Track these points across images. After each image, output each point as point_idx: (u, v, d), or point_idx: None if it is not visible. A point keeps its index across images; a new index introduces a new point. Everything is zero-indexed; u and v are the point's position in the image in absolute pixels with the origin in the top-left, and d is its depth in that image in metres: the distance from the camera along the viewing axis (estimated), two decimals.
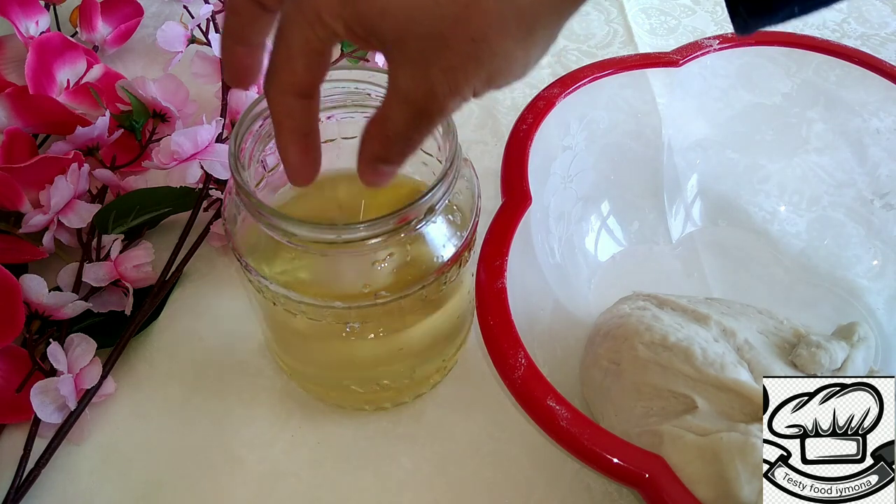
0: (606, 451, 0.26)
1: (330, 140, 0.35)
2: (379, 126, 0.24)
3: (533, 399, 0.28)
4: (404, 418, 0.37)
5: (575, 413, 0.27)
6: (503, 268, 0.31)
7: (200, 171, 0.41)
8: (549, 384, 0.28)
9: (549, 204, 0.39)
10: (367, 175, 0.26)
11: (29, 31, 0.48)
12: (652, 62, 0.40)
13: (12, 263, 0.39)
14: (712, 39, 0.41)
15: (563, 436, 0.27)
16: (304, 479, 0.35)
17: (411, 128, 0.23)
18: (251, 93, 0.47)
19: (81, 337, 0.37)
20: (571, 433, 0.27)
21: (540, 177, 0.36)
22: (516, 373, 0.28)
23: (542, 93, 0.38)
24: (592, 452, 0.26)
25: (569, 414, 0.27)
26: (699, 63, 0.40)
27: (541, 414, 0.28)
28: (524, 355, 0.29)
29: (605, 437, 0.27)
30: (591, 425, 0.27)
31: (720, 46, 0.40)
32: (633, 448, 0.27)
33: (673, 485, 0.26)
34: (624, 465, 0.26)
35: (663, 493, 0.26)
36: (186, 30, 0.48)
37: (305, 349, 0.35)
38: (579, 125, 0.40)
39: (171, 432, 0.37)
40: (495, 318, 0.30)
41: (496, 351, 0.29)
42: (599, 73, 0.39)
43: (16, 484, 0.34)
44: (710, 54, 0.40)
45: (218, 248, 0.44)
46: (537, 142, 0.36)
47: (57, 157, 0.40)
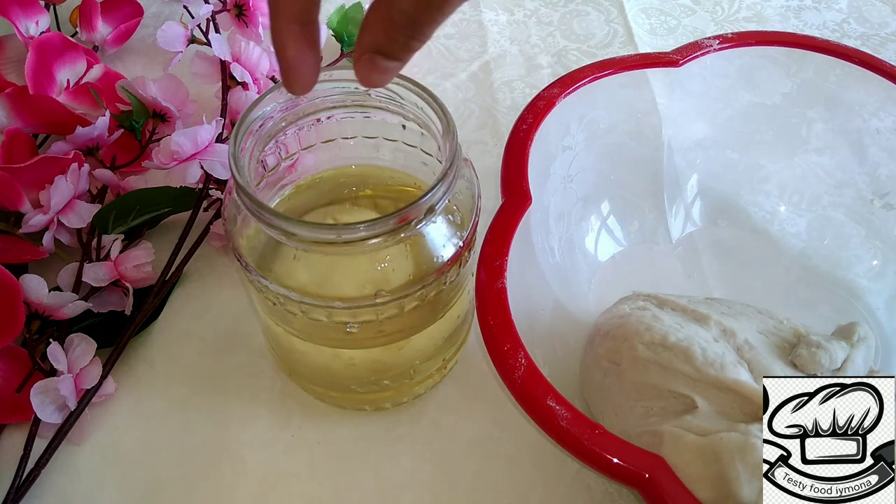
0: (606, 451, 0.26)
1: (330, 140, 0.35)
2: (383, 9, 0.20)
3: (533, 399, 0.28)
4: (404, 418, 0.37)
5: (575, 413, 0.27)
6: (503, 268, 0.31)
7: (200, 171, 0.41)
8: (549, 384, 0.28)
9: (549, 204, 0.39)
10: (364, 70, 0.22)
11: (29, 31, 0.48)
12: (652, 62, 0.40)
13: (12, 263, 0.39)
14: (712, 39, 0.41)
15: (562, 436, 0.27)
16: (304, 479, 0.35)
17: (422, 7, 0.20)
18: (251, 93, 0.47)
19: (81, 337, 0.37)
20: (571, 433, 0.27)
21: (540, 177, 0.36)
22: (516, 373, 0.28)
23: (542, 93, 0.38)
24: (592, 452, 0.26)
25: (569, 414, 0.27)
26: (699, 63, 0.40)
27: (541, 414, 0.27)
28: (524, 355, 0.29)
29: (605, 437, 0.27)
30: (591, 425, 0.27)
31: (720, 46, 0.40)
32: (633, 448, 0.27)
33: (673, 485, 0.26)
34: (624, 465, 0.26)
35: (663, 493, 0.26)
36: (186, 30, 0.48)
37: (305, 349, 0.35)
38: (579, 125, 0.40)
39: (171, 432, 0.37)
40: (495, 318, 0.30)
41: (496, 351, 0.29)
42: (599, 72, 0.39)
43: (16, 484, 0.34)
44: (710, 54, 0.40)
45: (218, 248, 0.44)
46: (537, 142, 0.36)
47: (57, 157, 0.40)
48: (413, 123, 0.33)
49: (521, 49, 0.56)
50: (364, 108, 0.34)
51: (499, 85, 0.53)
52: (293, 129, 0.34)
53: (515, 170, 0.35)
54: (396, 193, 0.38)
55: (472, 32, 0.57)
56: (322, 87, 0.33)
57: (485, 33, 0.57)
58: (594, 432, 0.27)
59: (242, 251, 0.31)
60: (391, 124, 0.34)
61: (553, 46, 0.56)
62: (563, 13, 0.59)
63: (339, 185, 0.38)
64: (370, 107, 0.34)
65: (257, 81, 0.48)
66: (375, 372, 0.35)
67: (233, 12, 0.51)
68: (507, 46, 0.56)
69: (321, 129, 0.35)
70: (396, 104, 0.33)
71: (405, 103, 0.32)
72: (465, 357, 0.39)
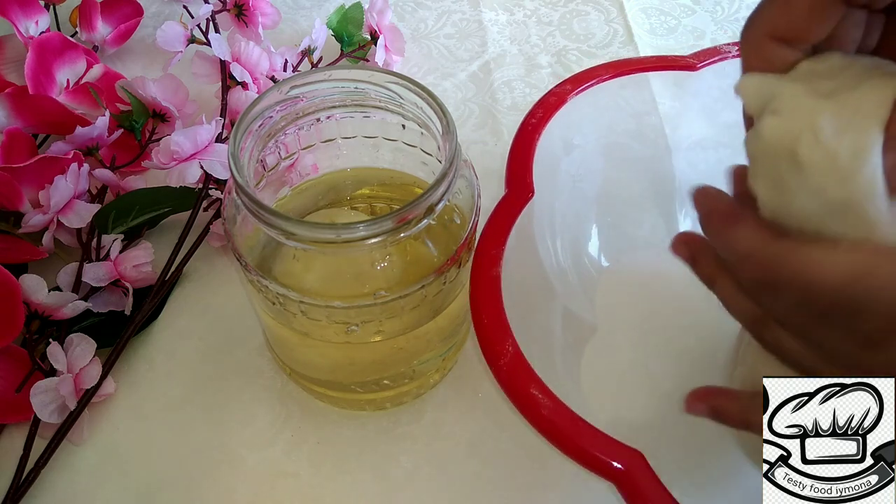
0: (585, 442, 0.27)
1: (330, 140, 0.35)
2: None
3: (516, 386, 0.28)
4: (404, 418, 0.37)
5: (557, 403, 0.27)
6: (499, 256, 0.31)
7: (200, 171, 0.41)
8: (535, 374, 0.28)
9: (555, 203, 0.38)
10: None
11: (29, 31, 0.48)
12: (669, 65, 0.40)
13: (12, 263, 0.39)
14: (731, 46, 0.40)
15: (542, 424, 0.27)
16: (304, 479, 0.35)
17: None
18: (251, 93, 0.47)
19: (81, 337, 0.37)
20: (552, 422, 0.27)
21: (547, 174, 0.36)
22: (502, 360, 0.29)
23: (554, 89, 0.38)
24: (570, 442, 0.27)
25: (551, 403, 0.27)
26: (714, 68, 0.40)
27: (522, 401, 0.28)
28: (512, 342, 0.29)
29: (586, 428, 0.27)
30: (572, 416, 0.27)
31: (737, 54, 0.40)
32: (613, 442, 0.27)
33: (649, 481, 0.26)
34: (600, 456, 0.26)
35: (639, 487, 0.26)
36: (186, 30, 0.48)
37: (305, 349, 0.35)
38: (590, 124, 0.40)
39: (171, 432, 0.37)
40: (486, 305, 0.30)
41: (484, 337, 0.29)
42: (613, 72, 0.39)
43: (16, 484, 0.34)
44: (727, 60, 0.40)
45: (218, 248, 0.44)
46: (545, 138, 0.36)
47: (57, 157, 0.40)
48: (413, 123, 0.33)
49: (520, 49, 0.56)
50: (364, 107, 0.34)
51: (499, 85, 0.53)
52: (293, 129, 0.34)
53: (520, 162, 0.35)
54: (396, 193, 0.38)
55: (472, 32, 0.57)
56: (322, 86, 0.33)
57: (485, 33, 0.57)
58: (575, 423, 0.27)
59: (242, 251, 0.31)
60: (391, 124, 0.34)
61: (553, 46, 0.56)
62: (563, 13, 0.59)
63: (339, 187, 0.38)
64: (370, 106, 0.34)
65: (257, 81, 0.48)
66: (375, 372, 0.35)
67: (233, 12, 0.51)
68: (507, 46, 0.56)
69: (321, 128, 0.35)
70: (396, 104, 0.33)
71: (405, 103, 0.32)
72: (464, 357, 0.39)
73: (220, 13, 0.51)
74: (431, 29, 0.58)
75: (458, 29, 0.58)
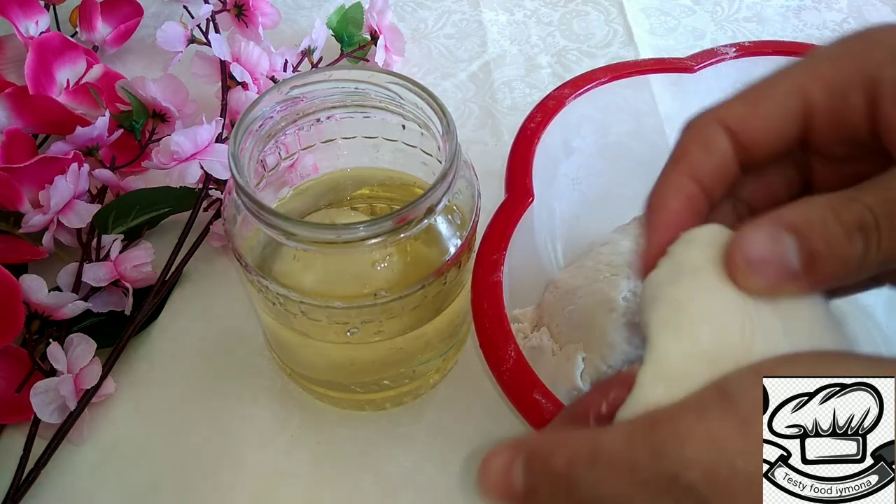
0: None
1: (330, 140, 0.35)
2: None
3: (519, 391, 0.28)
4: (404, 418, 0.37)
5: (560, 407, 0.27)
6: (500, 262, 0.31)
7: (200, 171, 0.41)
8: (537, 378, 0.28)
9: (555, 206, 0.38)
10: None
11: (29, 31, 0.48)
12: (666, 67, 0.40)
13: (12, 263, 0.39)
14: (728, 47, 0.40)
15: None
16: (304, 479, 0.35)
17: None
18: (251, 93, 0.47)
19: (81, 337, 0.37)
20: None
21: (546, 178, 0.36)
22: (505, 365, 0.29)
23: (552, 92, 0.38)
24: None
25: (554, 408, 0.27)
26: (713, 70, 0.40)
27: (526, 406, 0.28)
28: (514, 348, 0.29)
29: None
30: None
31: (736, 55, 0.40)
32: None
33: None
34: None
35: None
36: (186, 30, 0.48)
37: (305, 349, 0.35)
38: (589, 127, 0.40)
39: (171, 432, 0.37)
40: (488, 311, 0.30)
41: (486, 342, 0.29)
42: (612, 75, 0.39)
43: (16, 484, 0.34)
44: (725, 62, 0.40)
45: (218, 248, 0.44)
46: (545, 142, 0.36)
47: (57, 157, 0.40)
48: (413, 123, 0.33)
49: (520, 49, 0.56)
50: (364, 108, 0.34)
51: (499, 85, 0.53)
52: (293, 129, 0.34)
53: (520, 167, 0.35)
54: (396, 193, 0.38)
55: (472, 32, 0.57)
56: (322, 87, 0.33)
57: (485, 33, 0.57)
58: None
59: (242, 251, 0.31)
60: (391, 124, 0.34)
61: (553, 46, 0.56)
62: (562, 13, 0.59)
63: (339, 187, 0.38)
64: (370, 107, 0.34)
65: (257, 81, 0.48)
66: (375, 372, 0.35)
67: (233, 12, 0.51)
68: (507, 46, 0.56)
69: (321, 129, 0.35)
70: (396, 104, 0.33)
71: (405, 103, 0.32)
72: (464, 357, 0.39)
73: (220, 13, 0.51)
74: (431, 29, 0.58)
75: (458, 29, 0.58)
